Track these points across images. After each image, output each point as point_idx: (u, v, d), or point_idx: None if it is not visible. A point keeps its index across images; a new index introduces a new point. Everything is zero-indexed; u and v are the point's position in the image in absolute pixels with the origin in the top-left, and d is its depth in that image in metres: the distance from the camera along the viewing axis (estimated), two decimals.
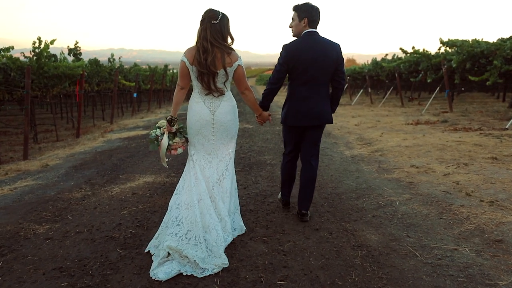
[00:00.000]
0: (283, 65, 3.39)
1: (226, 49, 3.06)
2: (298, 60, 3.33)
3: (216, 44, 3.00)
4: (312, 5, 3.39)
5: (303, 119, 3.43)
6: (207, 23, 3.01)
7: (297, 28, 3.41)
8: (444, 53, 14.43)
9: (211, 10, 3.08)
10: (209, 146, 3.21)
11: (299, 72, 3.36)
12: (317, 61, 3.31)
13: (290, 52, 3.35)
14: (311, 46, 3.32)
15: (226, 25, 3.08)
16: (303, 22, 3.35)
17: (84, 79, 11.38)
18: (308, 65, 3.32)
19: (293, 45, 3.37)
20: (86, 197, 4.59)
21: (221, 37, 3.03)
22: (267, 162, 6.18)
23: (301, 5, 3.39)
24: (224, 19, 3.05)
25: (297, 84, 3.42)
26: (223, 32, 3.04)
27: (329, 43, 3.37)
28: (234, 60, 3.09)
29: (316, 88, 3.40)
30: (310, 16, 3.34)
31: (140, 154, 7.27)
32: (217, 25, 3.00)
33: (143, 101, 25.57)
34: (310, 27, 3.37)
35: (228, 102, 3.20)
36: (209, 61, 2.98)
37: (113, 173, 5.81)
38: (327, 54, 3.33)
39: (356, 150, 6.81)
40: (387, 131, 8.56)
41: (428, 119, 10.18)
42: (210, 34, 2.99)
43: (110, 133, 11.16)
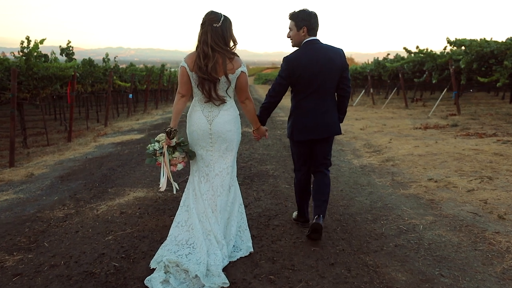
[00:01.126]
0: (285, 78, 3.19)
1: (228, 54, 2.88)
2: (301, 72, 3.14)
3: (217, 49, 2.84)
4: (310, 11, 3.20)
5: (311, 132, 3.25)
6: (208, 27, 2.85)
7: (296, 38, 3.23)
8: (450, 53, 13.97)
9: (212, 12, 2.90)
10: (208, 158, 3.05)
11: (303, 84, 3.19)
12: (322, 71, 3.14)
13: (292, 64, 3.16)
14: (314, 56, 3.14)
15: (229, 28, 2.92)
16: (302, 31, 3.18)
17: (75, 80, 10.86)
18: (312, 76, 3.14)
19: (294, 57, 3.18)
20: (68, 217, 4.10)
21: (222, 41, 2.87)
22: (270, 173, 5.69)
23: (298, 13, 3.19)
24: (226, 22, 2.89)
25: (302, 97, 3.24)
26: (225, 36, 2.88)
27: (332, 49, 3.20)
28: (237, 66, 2.91)
29: (323, 99, 3.22)
30: (309, 24, 3.16)
31: (132, 163, 6.77)
32: (218, 28, 2.85)
33: (139, 102, 25.05)
34: (310, 36, 3.20)
35: (229, 112, 3.02)
36: (210, 67, 2.81)
37: (102, 186, 5.31)
38: (331, 62, 3.16)
39: (365, 159, 6.33)
40: (395, 137, 8.07)
41: (437, 123, 9.70)
42: (211, 38, 2.83)
43: (103, 137, 10.66)
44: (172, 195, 4.75)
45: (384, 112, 13.72)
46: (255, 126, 3.28)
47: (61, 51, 13.37)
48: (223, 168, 3.06)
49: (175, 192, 3.27)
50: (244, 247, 3.08)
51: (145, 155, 3.33)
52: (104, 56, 17.78)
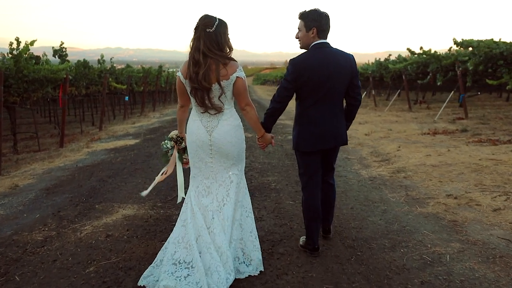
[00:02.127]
0: (291, 82, 2.98)
1: (222, 59, 2.71)
2: (309, 77, 2.93)
3: (210, 55, 2.68)
4: (321, 12, 3.00)
5: (318, 142, 3.05)
6: (201, 32, 2.70)
7: (305, 39, 3.03)
8: (455, 54, 13.56)
9: (206, 16, 2.74)
10: (207, 170, 2.90)
11: (310, 90, 2.98)
12: (331, 77, 2.94)
13: (300, 68, 2.95)
14: (323, 60, 2.94)
15: (224, 33, 2.75)
16: (311, 33, 2.98)
17: (68, 83, 10.41)
18: (320, 82, 2.94)
19: (302, 60, 2.97)
20: (47, 241, 3.65)
21: (216, 46, 2.70)
22: (272, 186, 5.25)
23: (308, 13, 3.00)
24: (220, 26, 2.73)
25: (309, 104, 3.03)
26: (219, 40, 2.71)
27: (342, 55, 3.01)
28: (231, 71, 2.72)
29: (330, 107, 3.04)
30: (320, 26, 2.96)
31: (124, 173, 6.32)
32: (212, 33, 2.69)
33: (137, 103, 24.59)
34: (319, 38, 3.00)
35: (229, 121, 2.85)
36: (201, 74, 2.66)
37: (89, 201, 4.87)
38: (341, 68, 2.97)
39: (374, 170, 5.89)
40: (403, 143, 7.64)
41: (446, 128, 9.27)
42: (204, 43, 2.68)
43: (97, 142, 10.21)
44: (164, 213, 4.32)
45: (387, 115, 13.29)
46: (259, 133, 3.08)
47: (54, 53, 12.94)
48: (226, 177, 2.90)
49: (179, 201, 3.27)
50: (255, 259, 2.91)
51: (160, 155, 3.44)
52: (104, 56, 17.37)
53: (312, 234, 3.18)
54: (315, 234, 3.18)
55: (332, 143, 3.09)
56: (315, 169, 3.15)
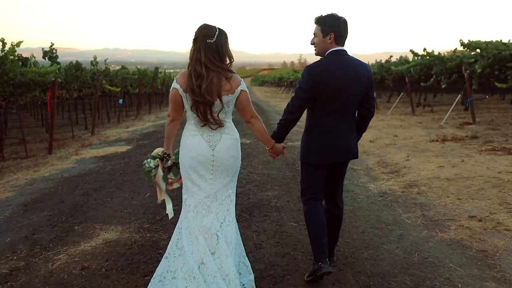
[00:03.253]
0: (306, 91, 2.80)
1: (224, 73, 2.58)
2: (326, 86, 2.76)
3: (212, 67, 2.55)
4: (339, 16, 2.83)
5: (331, 155, 2.89)
6: (201, 43, 2.57)
7: (321, 45, 2.86)
8: (460, 56, 13.11)
9: (205, 26, 2.61)
10: (208, 187, 2.70)
11: (326, 100, 2.81)
12: (349, 87, 2.79)
13: (316, 76, 2.78)
14: (341, 68, 2.79)
15: (224, 43, 2.62)
16: (328, 38, 2.82)
17: (56, 86, 9.89)
18: (337, 91, 2.78)
19: (319, 67, 2.81)
20: (13, 274, 3.16)
21: (218, 58, 2.58)
22: (272, 203, 4.76)
23: (326, 18, 2.83)
24: (221, 36, 2.60)
25: (322, 114, 2.85)
26: (220, 52, 2.59)
27: (359, 63, 2.87)
28: (235, 85, 2.61)
29: (344, 118, 2.88)
30: (337, 31, 2.81)
31: (111, 186, 5.82)
32: (213, 44, 2.56)
33: (132, 105, 24.08)
34: (337, 44, 2.84)
35: (230, 135, 2.72)
36: (204, 88, 2.52)
37: (68, 221, 4.37)
38: (359, 77, 2.82)
39: (383, 183, 5.40)
40: (412, 152, 7.15)
41: (454, 134, 8.79)
42: (205, 55, 2.54)
43: (87, 149, 9.70)
44: (151, 238, 3.82)
45: (391, 119, 12.81)
46: (269, 145, 2.93)
47: (44, 54, 12.43)
48: (226, 195, 2.75)
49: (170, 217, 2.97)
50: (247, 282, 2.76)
51: (142, 173, 3.09)
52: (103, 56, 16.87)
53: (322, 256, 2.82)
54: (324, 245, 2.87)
55: (344, 156, 2.93)
56: (319, 185, 2.99)
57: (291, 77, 40.57)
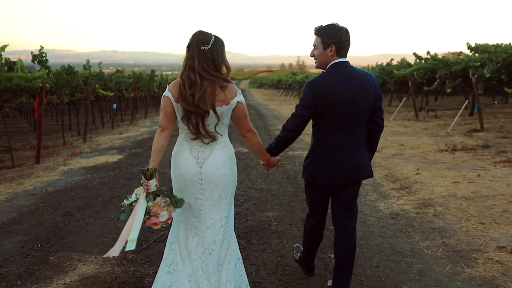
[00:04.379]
0: (308, 108, 2.61)
1: (219, 82, 2.41)
2: (330, 102, 2.57)
3: (207, 76, 2.38)
4: (340, 27, 2.64)
5: (338, 175, 2.67)
6: (194, 50, 2.41)
7: (321, 58, 2.68)
8: (466, 60, 12.67)
9: (200, 32, 2.46)
10: (196, 207, 2.52)
11: (332, 116, 2.61)
12: (355, 101, 2.59)
13: (319, 91, 2.58)
14: (345, 81, 2.59)
15: (220, 51, 2.46)
16: (329, 51, 2.63)
17: (44, 92, 9.40)
18: (343, 106, 2.58)
19: (321, 82, 2.61)
20: None
21: (213, 66, 2.41)
22: (272, 226, 4.28)
23: (326, 28, 2.65)
24: (217, 43, 2.44)
25: (328, 131, 2.65)
26: (216, 60, 2.42)
27: (365, 75, 2.67)
28: (231, 96, 2.43)
29: (353, 134, 2.67)
30: (339, 43, 2.62)
31: (97, 204, 5.34)
32: (207, 51, 2.40)
33: (128, 109, 23.59)
34: (339, 56, 2.65)
35: (222, 151, 2.52)
36: (197, 97, 2.35)
37: (44, 249, 3.89)
38: (366, 90, 2.62)
39: (394, 201, 4.92)
40: (421, 164, 6.68)
41: (464, 143, 8.33)
42: (199, 63, 2.38)
43: (77, 158, 9.22)
44: (134, 273, 3.34)
45: (394, 125, 12.35)
46: (264, 159, 2.79)
47: (33, 58, 11.93)
48: (216, 220, 2.52)
49: (128, 249, 2.41)
50: None
51: (120, 211, 2.63)
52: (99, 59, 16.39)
53: (311, 258, 3.10)
54: (313, 258, 3.12)
55: (354, 176, 2.68)
56: (327, 203, 2.86)
57: (289, 80, 40.14)
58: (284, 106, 25.19)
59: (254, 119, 15.88)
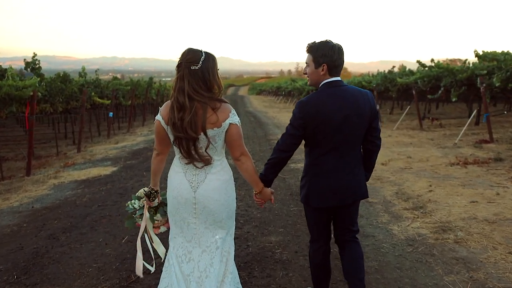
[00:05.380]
0: (298, 128, 2.52)
1: (211, 103, 2.27)
2: (322, 122, 2.47)
3: (197, 97, 2.24)
4: (332, 44, 2.52)
5: (333, 197, 2.58)
6: (184, 70, 2.27)
7: (313, 76, 2.58)
8: (471, 68, 12.32)
9: (189, 51, 2.31)
10: (189, 232, 2.41)
11: (324, 137, 2.52)
12: (349, 121, 2.48)
13: (310, 111, 2.49)
14: (338, 101, 2.49)
15: (211, 69, 2.31)
16: (321, 69, 2.52)
17: (35, 101, 9.01)
18: (336, 127, 2.48)
19: (313, 102, 2.51)
20: None
21: (204, 86, 2.27)
22: (276, 254, 3.86)
23: (318, 46, 2.54)
24: (208, 61, 2.29)
25: (322, 152, 2.57)
26: (207, 79, 2.28)
27: (359, 93, 2.56)
28: (223, 117, 2.29)
29: (347, 154, 2.58)
30: (331, 61, 2.49)
31: (85, 224, 4.92)
32: (198, 71, 2.25)
33: (125, 117, 23.19)
34: (331, 75, 2.53)
35: (218, 175, 2.38)
36: (187, 121, 2.23)
37: (20, 282, 3.50)
38: (360, 110, 2.51)
39: (408, 224, 4.50)
40: (433, 179, 6.27)
41: (475, 155, 7.92)
42: (189, 84, 2.24)
43: (69, 170, 8.80)
44: None
45: (399, 135, 11.95)
46: (258, 188, 2.56)
47: (26, 65, 11.54)
48: (211, 242, 2.41)
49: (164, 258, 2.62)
50: None
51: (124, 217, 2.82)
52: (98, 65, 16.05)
53: None
54: None
55: (349, 198, 2.61)
56: (326, 226, 2.74)
57: (289, 87, 39.82)
58: (284, 113, 24.82)
59: (253, 127, 15.49)
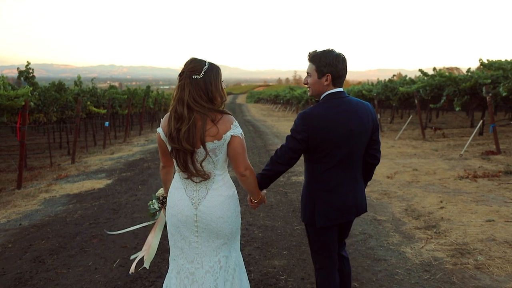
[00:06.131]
0: (301, 142, 2.35)
1: (211, 114, 2.16)
2: (326, 136, 2.33)
3: (197, 108, 2.14)
4: (337, 54, 2.38)
5: (339, 215, 2.45)
6: (185, 79, 2.18)
7: (316, 87, 2.43)
8: (475, 77, 12.09)
9: (192, 60, 2.23)
10: (191, 252, 2.27)
11: (328, 152, 2.37)
12: (353, 134, 2.37)
13: (313, 124, 2.33)
14: (342, 113, 2.36)
15: (215, 79, 2.21)
16: (325, 80, 2.38)
17: (27, 111, 8.69)
18: (341, 141, 2.36)
19: (316, 115, 2.35)
20: None
21: (205, 97, 2.17)
22: (281, 281, 3.53)
23: (322, 55, 2.37)
24: (211, 71, 2.19)
25: (325, 168, 2.41)
26: (209, 90, 2.18)
27: (362, 105, 2.45)
28: (224, 129, 2.18)
29: (351, 170, 2.46)
30: (336, 71, 2.37)
31: (73, 245, 4.60)
32: (200, 80, 2.16)
33: (122, 126, 22.88)
34: (335, 86, 2.41)
35: (220, 191, 2.25)
36: (183, 132, 2.13)
37: None
38: (364, 123, 2.41)
39: (422, 246, 4.18)
40: (443, 194, 5.96)
41: (483, 168, 7.63)
42: (190, 93, 2.15)
43: (62, 182, 8.47)
44: None
45: (402, 146, 11.67)
46: (257, 197, 2.46)
47: (19, 74, 11.26)
48: (215, 261, 2.26)
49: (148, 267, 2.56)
50: None
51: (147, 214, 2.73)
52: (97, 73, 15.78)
53: None
54: None
55: (353, 214, 2.54)
56: (333, 246, 2.57)
57: (287, 95, 39.64)
58: (283, 122, 24.56)
59: (252, 136, 15.19)
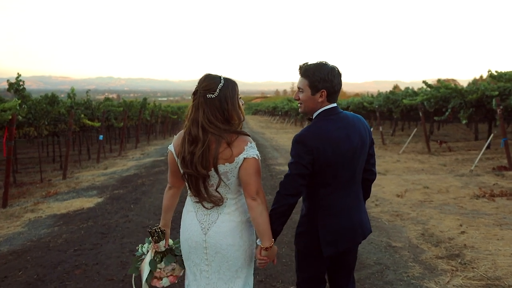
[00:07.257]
0: (307, 166, 2.13)
1: (227, 136, 2.01)
2: (331, 157, 2.14)
3: (211, 130, 2.01)
4: (331, 67, 2.20)
5: (346, 240, 2.27)
6: (200, 98, 2.05)
7: (309, 103, 2.24)
8: (482, 89, 11.71)
9: (206, 77, 2.08)
10: (202, 282, 2.15)
11: (331, 174, 2.18)
12: (355, 152, 2.22)
13: (317, 145, 2.13)
14: (341, 131, 2.19)
15: (231, 97, 2.06)
16: (319, 96, 2.20)
17: (14, 125, 8.22)
18: (344, 161, 2.18)
19: (315, 134, 2.16)
20: None
21: (221, 117, 2.04)
22: None
23: (315, 70, 2.17)
24: (227, 88, 2.05)
25: (330, 191, 2.21)
26: (225, 108, 2.04)
27: (357, 119, 2.31)
28: (237, 152, 2.02)
29: (354, 190, 2.31)
30: (331, 87, 2.19)
31: (53, 278, 4.09)
32: (215, 99, 2.03)
33: (117, 139, 22.41)
34: (330, 102, 2.23)
35: (232, 216, 2.11)
36: (197, 156, 2.01)
37: None
38: (362, 136, 2.27)
39: (448, 280, 3.69)
40: (461, 216, 5.49)
41: (499, 185, 7.17)
42: (204, 113, 2.02)
43: (49, 201, 7.97)
44: None
45: (407, 160, 11.21)
46: (268, 242, 2.08)
47: (9, 86, 10.80)
48: None
49: None
50: None
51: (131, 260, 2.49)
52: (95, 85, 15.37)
53: None
54: None
55: (360, 237, 2.33)
56: (323, 277, 2.36)
57: (285, 107, 39.34)
58: (281, 134, 24.14)
59: None
